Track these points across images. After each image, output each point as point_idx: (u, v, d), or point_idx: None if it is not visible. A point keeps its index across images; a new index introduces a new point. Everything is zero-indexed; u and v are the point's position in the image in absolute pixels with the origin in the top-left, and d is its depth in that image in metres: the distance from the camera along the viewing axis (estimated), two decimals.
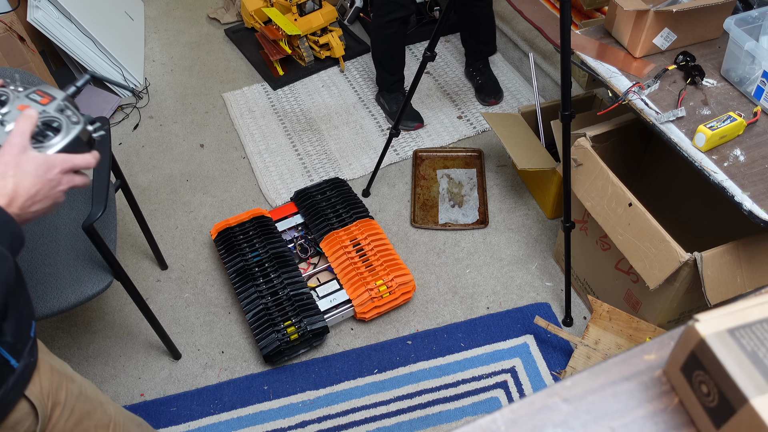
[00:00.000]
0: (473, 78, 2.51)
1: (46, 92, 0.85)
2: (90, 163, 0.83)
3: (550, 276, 1.91)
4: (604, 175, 1.45)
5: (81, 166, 0.81)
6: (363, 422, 1.61)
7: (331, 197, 2.02)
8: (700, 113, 1.35)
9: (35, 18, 2.28)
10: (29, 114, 0.78)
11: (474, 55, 2.47)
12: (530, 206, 2.11)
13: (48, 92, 0.85)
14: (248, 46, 2.84)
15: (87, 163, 0.82)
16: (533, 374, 1.68)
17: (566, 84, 1.38)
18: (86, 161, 0.82)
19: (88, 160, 0.82)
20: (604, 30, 1.57)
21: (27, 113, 0.78)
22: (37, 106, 0.82)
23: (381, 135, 2.40)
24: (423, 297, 1.88)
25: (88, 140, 0.86)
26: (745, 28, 1.33)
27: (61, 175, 0.78)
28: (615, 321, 1.57)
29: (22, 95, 0.83)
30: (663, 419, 0.56)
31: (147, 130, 2.50)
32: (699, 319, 0.52)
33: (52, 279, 1.49)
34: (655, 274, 1.34)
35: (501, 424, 0.56)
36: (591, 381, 0.58)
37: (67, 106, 0.85)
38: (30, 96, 0.84)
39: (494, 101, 2.43)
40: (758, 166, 1.24)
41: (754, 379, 0.48)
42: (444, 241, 2.03)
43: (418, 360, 1.72)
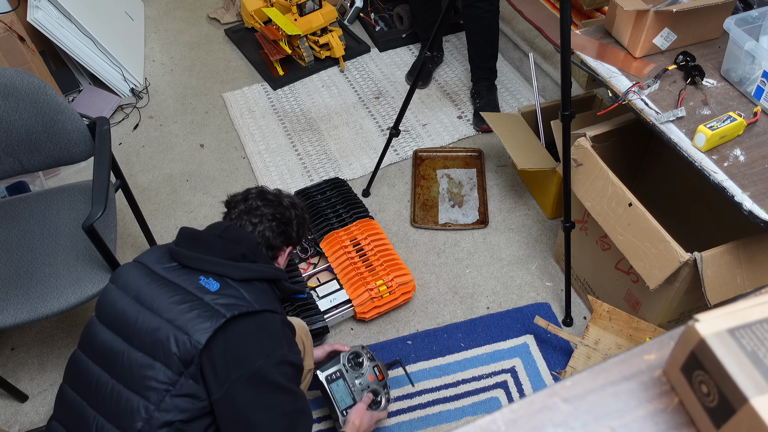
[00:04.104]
0: (474, 100, 2.46)
1: (382, 370, 1.52)
2: (384, 418, 1.52)
3: (550, 276, 1.91)
4: (604, 175, 1.45)
5: (382, 418, 1.49)
6: None
7: (331, 197, 2.02)
8: (700, 113, 1.35)
9: (35, 18, 2.28)
10: (370, 396, 1.45)
11: (477, 73, 2.43)
12: (530, 206, 2.11)
13: (383, 371, 1.52)
14: (248, 46, 2.84)
15: (384, 417, 1.50)
16: (533, 374, 1.68)
17: (566, 84, 1.38)
18: (384, 416, 1.49)
19: (384, 415, 1.49)
20: (604, 30, 1.57)
21: (369, 395, 1.46)
22: (374, 385, 1.49)
23: (381, 135, 2.40)
24: (423, 297, 1.88)
25: None
26: (745, 28, 1.33)
27: (375, 421, 1.44)
28: (615, 321, 1.57)
29: (371, 367, 1.50)
30: (663, 419, 0.56)
31: (147, 130, 2.50)
32: (699, 319, 0.52)
33: (52, 279, 1.49)
34: (655, 274, 1.34)
35: (501, 424, 0.56)
36: (591, 381, 0.58)
37: (386, 384, 1.51)
38: (374, 369, 1.51)
39: (486, 128, 2.36)
40: (758, 166, 1.24)
41: (754, 379, 0.48)
42: (444, 241, 2.03)
43: (418, 360, 1.72)
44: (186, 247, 1.16)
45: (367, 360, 1.50)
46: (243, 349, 1.05)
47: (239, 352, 1.04)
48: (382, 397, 1.47)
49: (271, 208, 1.27)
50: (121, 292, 1.15)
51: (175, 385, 1.04)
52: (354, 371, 1.47)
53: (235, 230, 1.21)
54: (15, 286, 1.48)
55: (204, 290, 1.09)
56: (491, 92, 2.43)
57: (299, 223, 1.33)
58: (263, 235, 1.25)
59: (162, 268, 1.15)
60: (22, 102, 1.48)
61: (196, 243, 1.17)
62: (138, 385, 1.05)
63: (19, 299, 1.45)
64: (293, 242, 1.32)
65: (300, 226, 1.33)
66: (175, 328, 1.04)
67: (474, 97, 2.45)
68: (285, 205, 1.30)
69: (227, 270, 1.13)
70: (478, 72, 2.42)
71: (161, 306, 1.08)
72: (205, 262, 1.14)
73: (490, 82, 2.43)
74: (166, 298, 1.08)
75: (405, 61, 2.73)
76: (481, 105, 2.39)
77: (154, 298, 1.09)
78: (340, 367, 1.46)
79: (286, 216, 1.29)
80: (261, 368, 1.05)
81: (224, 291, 1.10)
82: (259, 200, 1.28)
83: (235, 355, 1.04)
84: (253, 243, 1.22)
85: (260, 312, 1.09)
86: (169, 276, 1.13)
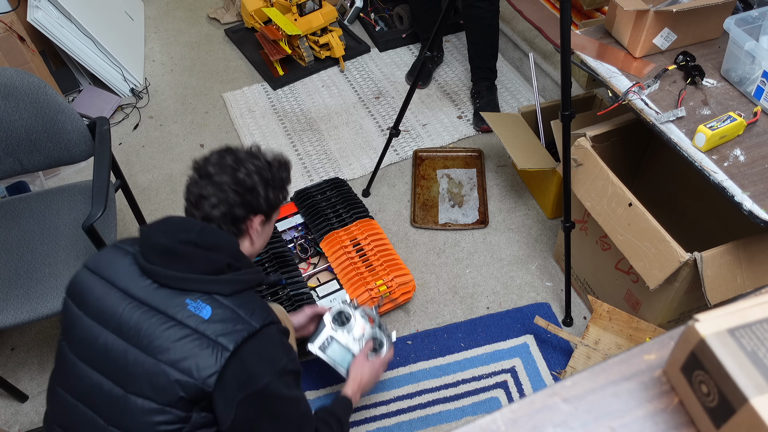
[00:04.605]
0: (474, 100, 2.45)
1: (369, 314, 1.49)
2: (391, 358, 1.52)
3: (550, 276, 1.91)
4: (604, 175, 1.45)
5: (389, 360, 1.48)
6: (363, 422, 1.61)
7: (331, 197, 2.02)
8: (700, 113, 1.35)
9: (35, 18, 2.28)
10: (369, 343, 1.46)
11: (477, 73, 2.42)
12: (530, 206, 2.11)
13: (371, 315, 1.50)
14: (248, 46, 2.84)
15: (390, 357, 1.50)
16: (533, 374, 1.68)
17: (566, 84, 1.38)
18: (390, 356, 1.50)
19: (390, 355, 1.50)
20: (604, 30, 1.57)
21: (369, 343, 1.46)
22: (369, 330, 1.46)
23: (381, 135, 2.40)
24: (423, 297, 1.88)
25: None
26: (745, 28, 1.33)
27: (381, 367, 1.45)
28: (615, 321, 1.57)
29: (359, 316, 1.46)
30: (663, 419, 0.56)
31: (147, 130, 2.50)
32: (699, 319, 0.52)
33: (52, 279, 1.49)
34: (655, 274, 1.34)
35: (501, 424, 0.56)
36: (591, 381, 0.58)
37: (381, 324, 1.49)
38: (363, 316, 1.46)
39: (486, 128, 2.36)
40: (758, 166, 1.24)
41: (754, 379, 0.48)
42: (444, 241, 2.03)
43: (418, 360, 1.72)
44: (162, 265, 1.03)
45: (352, 311, 1.46)
46: (249, 372, 1.00)
47: (246, 375, 1.00)
48: (381, 339, 1.44)
49: (228, 175, 1.11)
50: (96, 323, 1.03)
51: (188, 421, 0.99)
52: (343, 329, 1.43)
53: (211, 234, 1.08)
54: (15, 286, 1.48)
55: (197, 318, 1.00)
56: (491, 92, 2.43)
57: (267, 186, 1.15)
58: (223, 212, 1.11)
59: (138, 289, 1.03)
60: (22, 102, 1.48)
61: (173, 259, 1.03)
62: (145, 430, 0.99)
63: (19, 299, 1.45)
64: (262, 210, 1.16)
65: (268, 189, 1.15)
66: (177, 371, 0.97)
67: (474, 97, 2.45)
68: (247, 169, 1.12)
69: (215, 287, 1.04)
70: (478, 72, 2.42)
71: (153, 344, 0.98)
72: (190, 281, 1.03)
73: (490, 82, 2.43)
74: (156, 332, 0.98)
75: (405, 61, 2.73)
76: (481, 105, 2.39)
77: (142, 334, 0.99)
78: (329, 332, 1.42)
79: (246, 184, 1.11)
80: (267, 385, 1.02)
81: (218, 314, 1.01)
82: (217, 167, 1.12)
83: (242, 379, 1.00)
84: (235, 247, 1.11)
85: (260, 329, 1.03)
86: (150, 300, 1.02)
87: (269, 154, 1.20)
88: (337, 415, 1.26)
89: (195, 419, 1.00)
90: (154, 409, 0.98)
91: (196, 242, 1.05)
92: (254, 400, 1.01)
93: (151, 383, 0.98)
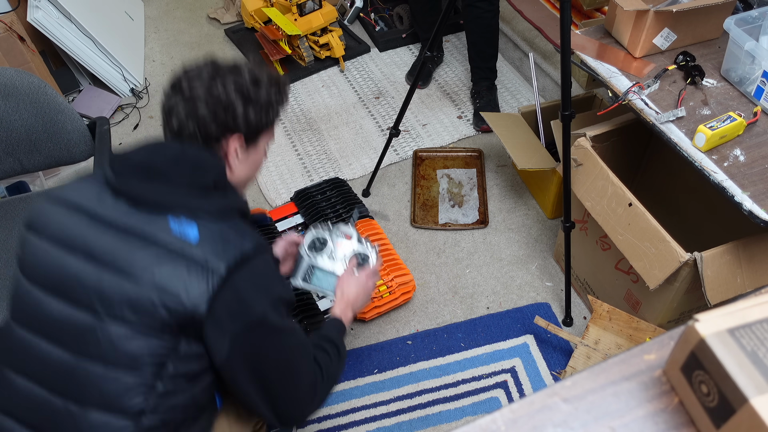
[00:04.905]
0: (474, 100, 2.45)
1: (345, 232, 1.37)
2: (378, 268, 1.35)
3: (550, 276, 1.91)
4: (604, 175, 1.45)
5: (376, 271, 1.34)
6: (363, 422, 1.61)
7: (331, 197, 2.02)
8: (700, 113, 1.35)
9: (35, 18, 2.28)
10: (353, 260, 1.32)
11: (477, 73, 2.42)
12: (530, 206, 2.11)
13: (346, 232, 1.37)
14: (248, 46, 2.84)
15: (378, 267, 1.34)
16: (533, 374, 1.68)
17: (566, 84, 1.38)
18: (378, 266, 1.34)
19: (378, 265, 1.35)
20: (604, 30, 1.57)
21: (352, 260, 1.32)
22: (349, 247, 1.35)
23: (381, 135, 2.40)
24: (423, 297, 1.88)
25: None
26: (745, 28, 1.33)
27: (369, 279, 1.30)
28: (615, 321, 1.57)
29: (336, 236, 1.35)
30: (663, 419, 0.56)
31: (147, 130, 2.50)
32: (699, 319, 0.52)
33: None
34: (655, 274, 1.34)
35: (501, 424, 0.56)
36: (591, 381, 0.58)
37: (360, 237, 1.36)
38: (340, 235, 1.35)
39: (486, 128, 2.35)
40: (758, 166, 1.24)
41: (754, 379, 0.48)
42: (444, 241, 2.03)
43: (418, 360, 1.72)
44: (137, 179, 0.91)
45: (328, 233, 1.35)
46: (244, 300, 0.90)
47: (240, 304, 0.90)
48: (364, 253, 1.34)
49: (202, 88, 0.97)
50: (60, 248, 0.90)
51: (176, 352, 0.89)
52: (321, 254, 1.34)
53: (195, 152, 0.96)
54: None
55: (180, 239, 0.88)
56: (491, 92, 2.43)
57: (248, 104, 1.00)
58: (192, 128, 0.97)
59: (110, 211, 0.90)
60: (22, 102, 1.48)
61: (150, 173, 0.91)
62: (126, 362, 0.87)
63: None
64: (240, 129, 1.01)
65: (249, 107, 1.00)
66: (164, 294, 0.86)
67: (474, 97, 2.45)
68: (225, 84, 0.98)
69: (201, 204, 0.91)
70: (478, 72, 2.42)
71: (133, 269, 0.86)
72: (172, 195, 0.90)
73: (490, 82, 2.43)
74: (136, 257, 0.87)
75: (405, 61, 2.73)
76: (481, 105, 2.39)
77: (119, 259, 0.87)
78: (308, 261, 1.34)
79: (221, 99, 0.97)
80: (263, 316, 0.92)
81: (206, 236, 0.89)
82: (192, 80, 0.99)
83: (235, 309, 0.90)
84: (221, 168, 0.99)
85: (253, 255, 0.92)
86: (125, 222, 0.89)
87: (260, 71, 1.04)
88: (332, 339, 1.14)
89: (183, 350, 0.89)
90: (136, 335, 0.87)
91: (177, 158, 0.94)
92: (250, 332, 0.92)
93: (132, 307, 0.86)
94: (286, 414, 1.01)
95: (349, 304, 1.25)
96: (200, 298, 0.86)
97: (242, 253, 0.90)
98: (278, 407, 0.99)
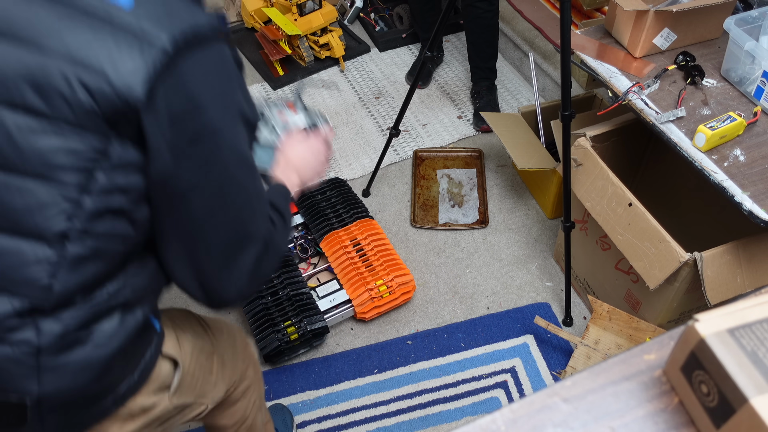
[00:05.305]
0: (474, 100, 2.45)
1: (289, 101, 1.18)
2: (330, 136, 1.09)
3: (550, 276, 1.91)
4: (604, 175, 1.45)
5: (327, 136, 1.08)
6: (363, 422, 1.61)
7: (331, 197, 2.03)
8: (700, 113, 1.35)
9: None
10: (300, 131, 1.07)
11: (477, 73, 2.42)
12: (530, 206, 2.11)
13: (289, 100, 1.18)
14: (248, 46, 2.84)
15: (330, 136, 1.08)
16: (533, 374, 1.68)
17: (566, 84, 1.38)
18: (330, 134, 1.08)
19: (330, 133, 1.09)
20: (604, 30, 1.57)
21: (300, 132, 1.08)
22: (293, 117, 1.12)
23: (381, 135, 2.40)
24: (423, 297, 1.88)
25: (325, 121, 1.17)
26: (745, 28, 1.33)
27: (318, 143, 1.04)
28: (615, 321, 1.57)
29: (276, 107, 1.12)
30: (663, 419, 0.56)
31: None
32: (699, 319, 0.52)
33: None
34: (655, 274, 1.34)
35: (501, 424, 0.56)
36: (591, 381, 0.58)
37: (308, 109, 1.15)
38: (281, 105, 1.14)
39: (486, 128, 2.35)
40: (758, 166, 1.24)
41: (753, 379, 0.48)
42: (444, 241, 2.03)
43: (418, 360, 1.72)
44: None
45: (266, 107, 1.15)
46: (193, 98, 0.68)
47: (187, 102, 0.68)
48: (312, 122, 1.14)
49: None
50: None
51: (107, 154, 0.66)
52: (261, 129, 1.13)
53: None
54: None
55: (107, 2, 0.65)
56: (491, 92, 2.43)
57: None
58: None
59: None
60: None
61: None
62: (37, 167, 0.65)
63: None
64: None
65: None
66: (82, 69, 0.62)
67: (474, 97, 2.45)
68: None
69: None
70: (478, 72, 2.42)
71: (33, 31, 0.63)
72: None
73: (490, 82, 2.43)
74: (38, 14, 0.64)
75: (405, 61, 2.73)
76: (481, 105, 2.39)
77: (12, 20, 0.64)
78: None
79: None
80: (216, 126, 0.70)
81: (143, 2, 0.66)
82: None
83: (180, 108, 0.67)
84: None
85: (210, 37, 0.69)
86: None
87: None
88: (276, 205, 0.88)
89: (116, 155, 0.66)
90: (46, 130, 0.64)
91: None
92: (195, 146, 0.69)
93: (35, 85, 0.63)
94: (217, 284, 0.77)
95: (291, 166, 0.99)
96: (134, 76, 0.63)
97: (194, 29, 0.67)
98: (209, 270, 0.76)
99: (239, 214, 0.76)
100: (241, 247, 0.77)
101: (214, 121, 0.70)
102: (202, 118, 0.69)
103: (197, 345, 0.98)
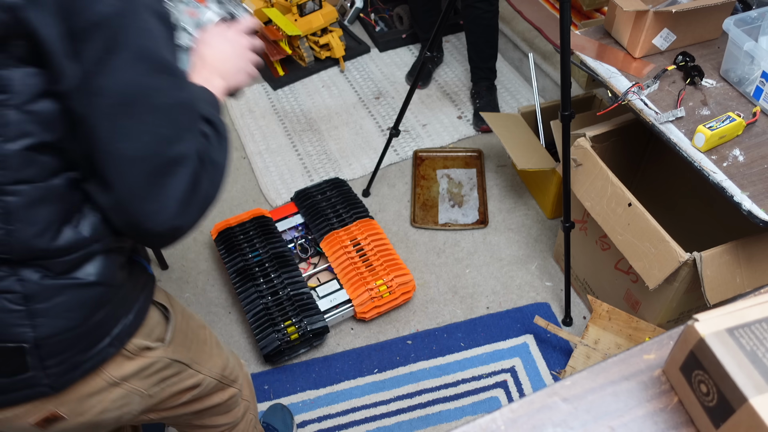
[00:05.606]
0: (473, 100, 2.45)
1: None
2: (252, 27, 0.93)
3: (550, 276, 1.91)
4: (604, 175, 1.46)
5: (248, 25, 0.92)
6: (363, 422, 1.61)
7: (331, 197, 2.03)
8: (699, 113, 1.35)
9: None
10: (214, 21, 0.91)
11: (476, 73, 2.43)
12: (530, 206, 2.12)
13: None
14: None
15: (251, 26, 0.93)
16: (533, 374, 1.68)
17: (566, 84, 1.38)
18: (250, 24, 0.93)
19: (251, 22, 0.93)
20: (604, 30, 1.57)
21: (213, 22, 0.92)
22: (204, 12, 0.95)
23: (381, 135, 2.40)
24: (423, 297, 1.88)
25: None
26: (745, 28, 1.33)
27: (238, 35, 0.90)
28: (615, 321, 1.57)
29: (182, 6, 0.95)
30: (662, 418, 0.56)
31: None
32: (698, 319, 0.53)
33: None
34: (655, 274, 1.34)
35: (501, 424, 0.56)
36: (591, 381, 0.59)
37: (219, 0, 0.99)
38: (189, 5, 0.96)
39: (486, 128, 2.35)
40: (757, 166, 1.25)
41: (753, 379, 0.48)
42: (444, 241, 2.03)
43: (418, 360, 1.72)
44: None
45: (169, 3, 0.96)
46: None
47: None
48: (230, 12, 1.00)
49: None
50: None
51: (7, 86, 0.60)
52: None
53: None
54: None
55: None
56: (491, 92, 2.43)
57: None
58: None
59: None
60: None
61: None
62: None
63: None
64: None
65: None
66: None
67: (474, 97, 2.45)
68: None
69: None
70: (477, 72, 2.42)
71: None
72: None
73: (489, 82, 2.43)
74: None
75: (405, 61, 2.73)
76: (481, 105, 2.39)
77: None
78: None
79: None
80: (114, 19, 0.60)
81: None
82: None
83: None
84: None
85: None
86: None
87: None
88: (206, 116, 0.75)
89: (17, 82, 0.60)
90: None
91: None
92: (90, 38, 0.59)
93: None
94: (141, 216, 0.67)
95: (210, 67, 0.85)
96: None
97: None
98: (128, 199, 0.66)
99: (157, 130, 0.64)
100: (166, 171, 0.66)
101: (111, 8, 0.59)
102: (96, 4, 0.59)
103: (187, 312, 1.00)
